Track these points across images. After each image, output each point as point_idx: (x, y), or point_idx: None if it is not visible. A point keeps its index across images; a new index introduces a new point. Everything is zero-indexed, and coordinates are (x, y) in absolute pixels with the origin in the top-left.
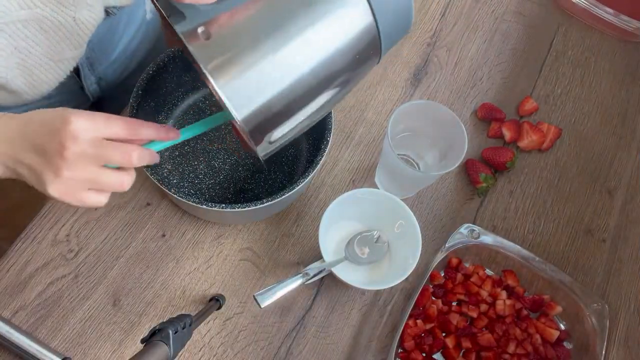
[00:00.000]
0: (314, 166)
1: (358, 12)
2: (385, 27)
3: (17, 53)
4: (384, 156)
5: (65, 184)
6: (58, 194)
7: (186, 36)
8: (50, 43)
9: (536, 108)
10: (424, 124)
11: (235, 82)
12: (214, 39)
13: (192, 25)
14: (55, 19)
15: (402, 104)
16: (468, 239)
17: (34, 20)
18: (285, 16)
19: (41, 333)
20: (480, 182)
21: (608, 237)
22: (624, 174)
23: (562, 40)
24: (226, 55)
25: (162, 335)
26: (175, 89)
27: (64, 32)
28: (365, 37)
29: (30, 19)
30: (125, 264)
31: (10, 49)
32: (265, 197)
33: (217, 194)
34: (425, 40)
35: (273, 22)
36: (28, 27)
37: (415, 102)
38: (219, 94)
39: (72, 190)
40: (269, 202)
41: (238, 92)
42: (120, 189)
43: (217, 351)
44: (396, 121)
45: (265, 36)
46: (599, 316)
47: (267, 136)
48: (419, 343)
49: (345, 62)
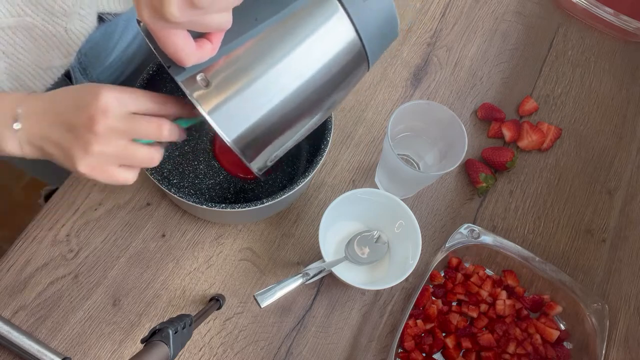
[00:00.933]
0: (314, 166)
1: (340, 29)
2: (370, 39)
3: (5, 58)
4: (384, 156)
5: (95, 159)
6: (88, 170)
7: (186, 86)
8: (39, 51)
9: (536, 108)
10: (424, 123)
11: (224, 108)
12: (213, 84)
13: (190, 74)
14: (46, 28)
15: (402, 103)
16: (468, 238)
17: (23, 27)
18: (271, 45)
19: (41, 333)
20: (480, 182)
21: (608, 237)
22: (624, 174)
23: (562, 40)
24: (222, 96)
25: (162, 335)
26: (175, 89)
27: (54, 41)
28: (350, 51)
29: (19, 27)
30: (125, 264)
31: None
32: (265, 197)
33: (217, 194)
34: (425, 40)
35: (260, 54)
36: (17, 34)
37: (416, 102)
38: (208, 121)
39: (102, 166)
40: (269, 202)
41: (228, 119)
42: (150, 163)
43: (217, 351)
44: (396, 121)
45: (253, 66)
46: (599, 316)
47: (262, 154)
48: (419, 343)
49: (332, 76)
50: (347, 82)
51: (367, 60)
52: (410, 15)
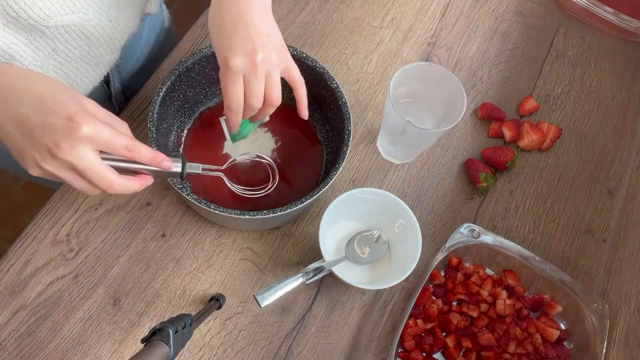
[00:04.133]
0: (328, 180)
1: None
2: None
3: (55, 55)
4: (385, 119)
5: (50, 170)
6: (41, 174)
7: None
8: (89, 47)
9: (536, 108)
10: (424, 86)
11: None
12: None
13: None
14: (97, 24)
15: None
16: (468, 238)
17: (77, 24)
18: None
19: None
20: (481, 182)
21: (608, 236)
22: (624, 173)
23: (563, 39)
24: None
25: (162, 334)
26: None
27: (104, 37)
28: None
29: (73, 24)
30: (125, 263)
31: (48, 51)
32: (266, 204)
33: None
34: (425, 40)
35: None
36: (69, 32)
37: (417, 63)
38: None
39: (57, 174)
40: (297, 205)
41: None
42: (106, 187)
43: (217, 351)
44: (398, 82)
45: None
46: (599, 316)
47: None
48: (419, 343)
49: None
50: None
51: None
52: (410, 15)
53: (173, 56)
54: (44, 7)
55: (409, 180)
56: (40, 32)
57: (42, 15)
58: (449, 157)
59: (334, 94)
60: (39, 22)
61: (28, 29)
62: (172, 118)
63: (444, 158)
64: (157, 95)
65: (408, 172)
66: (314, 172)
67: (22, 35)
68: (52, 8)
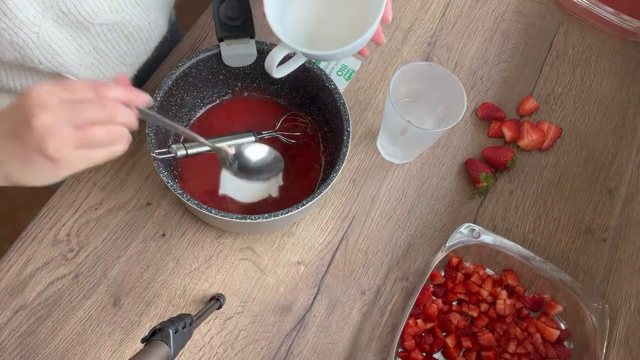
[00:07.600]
0: (328, 182)
1: None
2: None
3: (94, 53)
4: (385, 118)
5: (56, 156)
6: (66, 171)
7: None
8: (127, 47)
9: (536, 107)
10: (424, 85)
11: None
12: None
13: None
14: (137, 25)
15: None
16: (468, 238)
17: (119, 24)
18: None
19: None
20: (481, 182)
21: (608, 236)
22: (624, 173)
23: (563, 39)
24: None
25: (162, 334)
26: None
27: (142, 38)
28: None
29: (116, 23)
30: (125, 263)
31: (89, 48)
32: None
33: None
34: (425, 40)
35: None
36: (112, 31)
37: (417, 63)
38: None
39: (68, 159)
40: (300, 207)
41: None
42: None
43: (217, 351)
44: (398, 82)
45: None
46: (599, 316)
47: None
48: (419, 342)
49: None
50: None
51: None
52: (410, 15)
53: (174, 56)
54: (93, 4)
55: (409, 180)
56: (85, 30)
57: (90, 12)
58: (449, 157)
59: (332, 95)
60: (86, 19)
61: (75, 26)
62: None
63: (444, 158)
64: (155, 100)
65: (408, 172)
66: (313, 173)
67: (68, 32)
68: (100, 6)
